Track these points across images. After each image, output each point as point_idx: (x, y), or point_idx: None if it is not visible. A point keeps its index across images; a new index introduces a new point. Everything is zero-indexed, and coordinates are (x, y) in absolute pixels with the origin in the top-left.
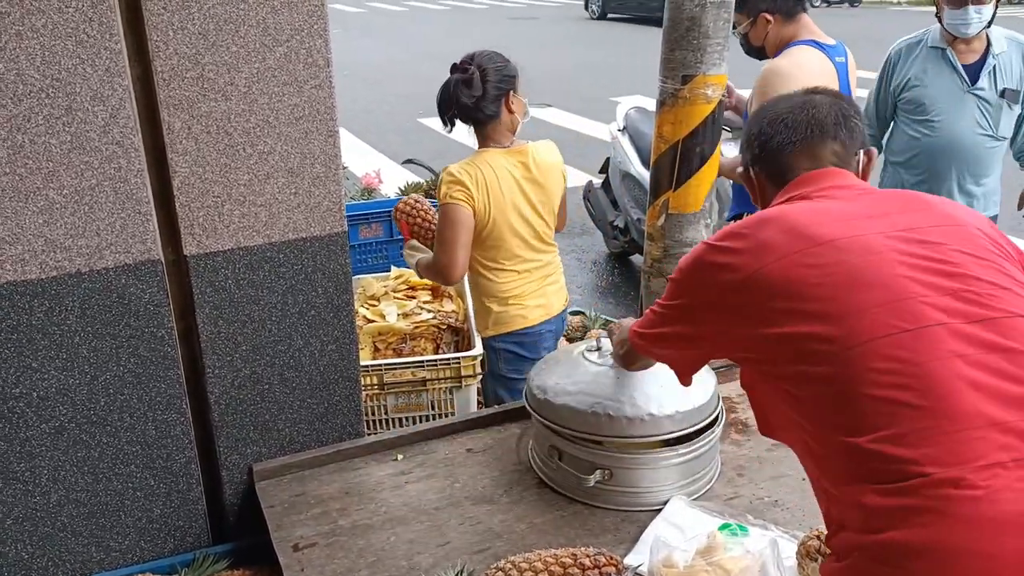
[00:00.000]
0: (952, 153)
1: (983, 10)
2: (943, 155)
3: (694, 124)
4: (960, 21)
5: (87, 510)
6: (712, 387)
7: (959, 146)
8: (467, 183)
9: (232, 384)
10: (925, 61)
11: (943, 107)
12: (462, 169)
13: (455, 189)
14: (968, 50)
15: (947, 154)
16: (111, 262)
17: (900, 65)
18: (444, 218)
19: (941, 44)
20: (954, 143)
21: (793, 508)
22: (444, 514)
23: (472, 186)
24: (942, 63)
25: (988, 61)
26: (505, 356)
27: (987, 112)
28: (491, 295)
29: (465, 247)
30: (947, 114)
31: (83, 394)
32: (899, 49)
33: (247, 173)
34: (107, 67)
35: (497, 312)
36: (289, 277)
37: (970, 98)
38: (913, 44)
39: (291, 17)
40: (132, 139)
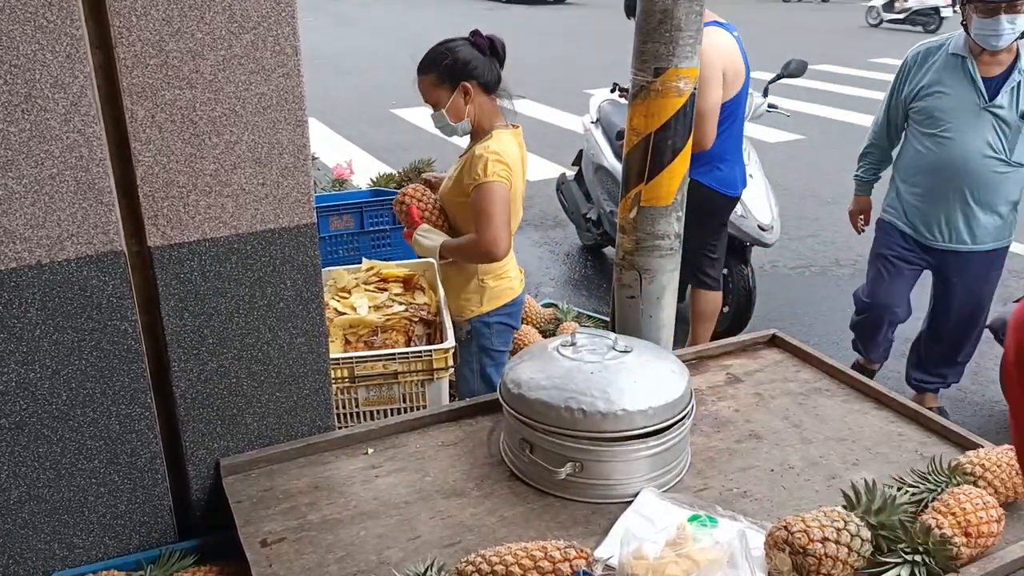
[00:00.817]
0: (957, 173)
1: (1017, 20)
2: (948, 174)
3: (666, 117)
4: (991, 32)
5: (49, 507)
6: (685, 381)
7: (966, 167)
8: (508, 162)
9: (198, 378)
10: (943, 69)
11: (955, 122)
12: (501, 148)
13: (500, 168)
14: (993, 61)
15: (952, 174)
16: (72, 253)
17: (915, 71)
18: (490, 196)
19: (963, 52)
20: (961, 162)
21: (761, 499)
22: (414, 508)
23: (510, 165)
24: (961, 73)
25: (1013, 76)
26: (498, 329)
27: (1002, 133)
28: (488, 271)
29: (508, 224)
30: (958, 130)
31: (44, 388)
32: (916, 53)
33: (213, 163)
34: (68, 53)
35: (492, 287)
36: (257, 269)
37: (986, 115)
38: (933, 49)
39: (258, 4)
40: (94, 127)
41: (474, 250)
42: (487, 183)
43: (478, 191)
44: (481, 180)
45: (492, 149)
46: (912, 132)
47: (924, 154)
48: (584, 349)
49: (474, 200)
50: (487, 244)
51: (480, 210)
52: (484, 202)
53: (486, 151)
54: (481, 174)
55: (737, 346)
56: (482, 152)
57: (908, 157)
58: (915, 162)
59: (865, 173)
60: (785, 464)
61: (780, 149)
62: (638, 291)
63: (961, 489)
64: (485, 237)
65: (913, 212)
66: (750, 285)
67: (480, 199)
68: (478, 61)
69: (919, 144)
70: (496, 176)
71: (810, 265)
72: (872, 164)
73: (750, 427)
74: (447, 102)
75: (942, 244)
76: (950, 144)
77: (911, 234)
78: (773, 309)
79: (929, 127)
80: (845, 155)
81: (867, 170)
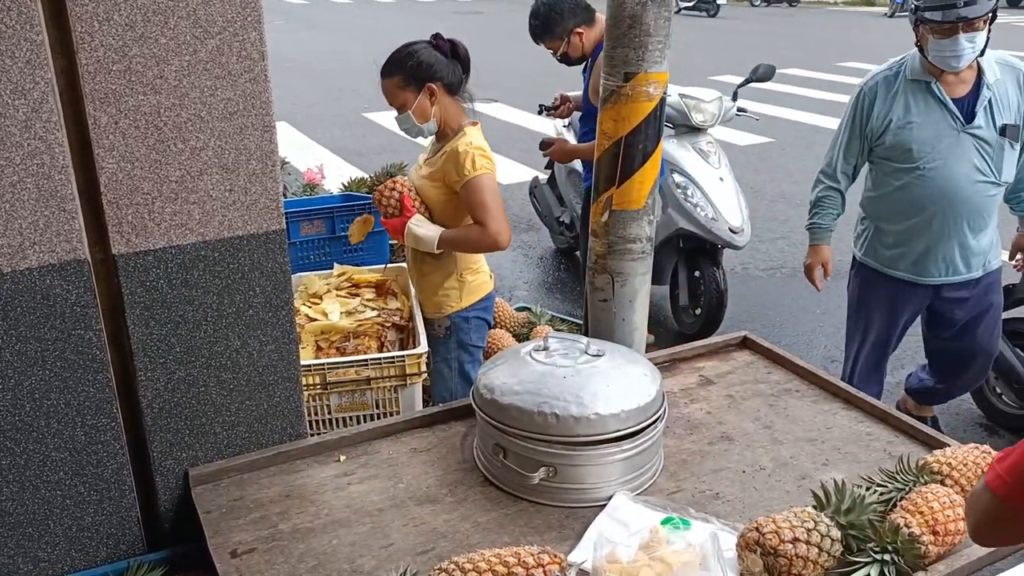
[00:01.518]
0: (948, 205)
1: (976, 38)
2: (937, 208)
3: (636, 121)
4: (949, 53)
5: (13, 520)
6: (657, 384)
7: (956, 196)
8: (489, 154)
9: (165, 387)
10: (907, 97)
11: (935, 152)
12: (479, 143)
13: (486, 161)
14: (957, 81)
15: (942, 206)
16: (35, 262)
17: (879, 104)
18: (485, 188)
19: (924, 76)
20: (950, 193)
21: (733, 500)
22: (387, 515)
23: (490, 156)
24: (929, 99)
25: (983, 93)
26: (476, 324)
27: (987, 155)
28: (467, 266)
29: (504, 211)
30: (941, 160)
31: (7, 400)
32: (873, 84)
33: (179, 169)
34: (28, 59)
35: (470, 281)
36: (225, 276)
37: (967, 139)
38: (890, 78)
39: (223, 8)
40: (56, 134)
41: (479, 241)
42: (478, 177)
43: (471, 186)
44: (471, 175)
45: (473, 144)
46: (882, 169)
47: (904, 191)
48: (557, 353)
49: (468, 196)
50: (494, 234)
51: (479, 203)
52: (481, 195)
53: (468, 147)
54: (471, 169)
55: (709, 348)
56: (465, 148)
57: (883, 196)
58: (894, 200)
59: (823, 219)
60: (756, 465)
61: (750, 152)
62: (610, 294)
63: (928, 488)
64: (491, 228)
65: (899, 253)
66: (721, 287)
67: (475, 193)
68: (440, 63)
69: (895, 180)
70: (484, 168)
71: (781, 267)
72: (831, 210)
73: (722, 429)
74: (413, 104)
75: (937, 279)
76: (934, 176)
77: (900, 276)
78: (744, 311)
79: (905, 161)
80: (814, 157)
81: (825, 216)
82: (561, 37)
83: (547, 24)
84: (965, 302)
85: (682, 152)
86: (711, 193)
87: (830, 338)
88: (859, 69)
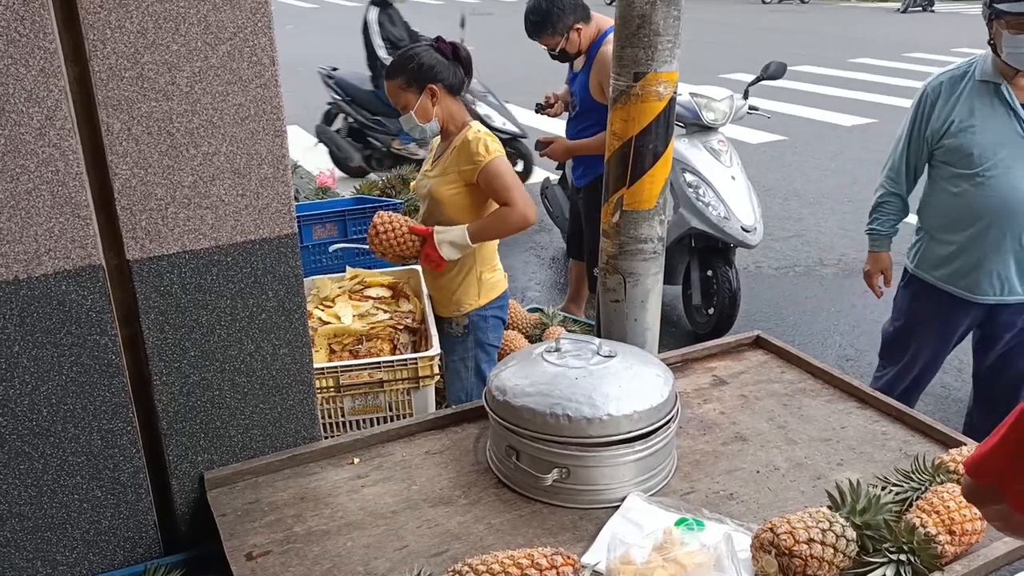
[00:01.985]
0: (1007, 217)
1: None
2: (995, 219)
3: (646, 121)
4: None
5: (31, 523)
6: (670, 385)
7: (1016, 208)
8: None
9: (180, 391)
10: (972, 99)
11: (997, 158)
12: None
13: (495, 145)
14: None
15: (1000, 218)
16: (50, 268)
17: (941, 105)
18: (502, 170)
19: (994, 78)
20: (1010, 204)
21: (748, 501)
22: (401, 517)
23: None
24: (995, 101)
25: None
26: (493, 323)
27: None
28: (484, 262)
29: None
30: (1002, 167)
31: (24, 405)
32: (938, 84)
33: (191, 175)
34: (41, 67)
35: (488, 278)
36: (238, 280)
37: None
38: (956, 78)
39: (234, 15)
40: (69, 141)
41: (509, 222)
42: (492, 160)
43: (489, 170)
44: (486, 160)
45: (478, 131)
46: (940, 174)
47: (960, 198)
48: (569, 355)
49: (488, 180)
50: (521, 211)
51: (500, 186)
52: (500, 177)
53: (477, 134)
54: (484, 154)
55: (722, 348)
56: (473, 136)
57: (939, 203)
58: (949, 209)
59: (882, 226)
60: (771, 465)
61: (762, 150)
62: (622, 295)
63: (945, 487)
64: (518, 206)
65: (952, 267)
66: (734, 286)
67: (494, 176)
68: (442, 65)
69: (952, 187)
70: (496, 151)
71: (794, 265)
72: (889, 215)
73: (736, 429)
74: (415, 104)
75: (992, 298)
76: (994, 184)
77: (952, 291)
78: (757, 310)
79: (964, 167)
80: (827, 154)
81: (883, 222)
82: (561, 33)
83: (548, 20)
84: (1019, 326)
85: (693, 151)
86: (723, 192)
87: (844, 336)
88: (872, 65)
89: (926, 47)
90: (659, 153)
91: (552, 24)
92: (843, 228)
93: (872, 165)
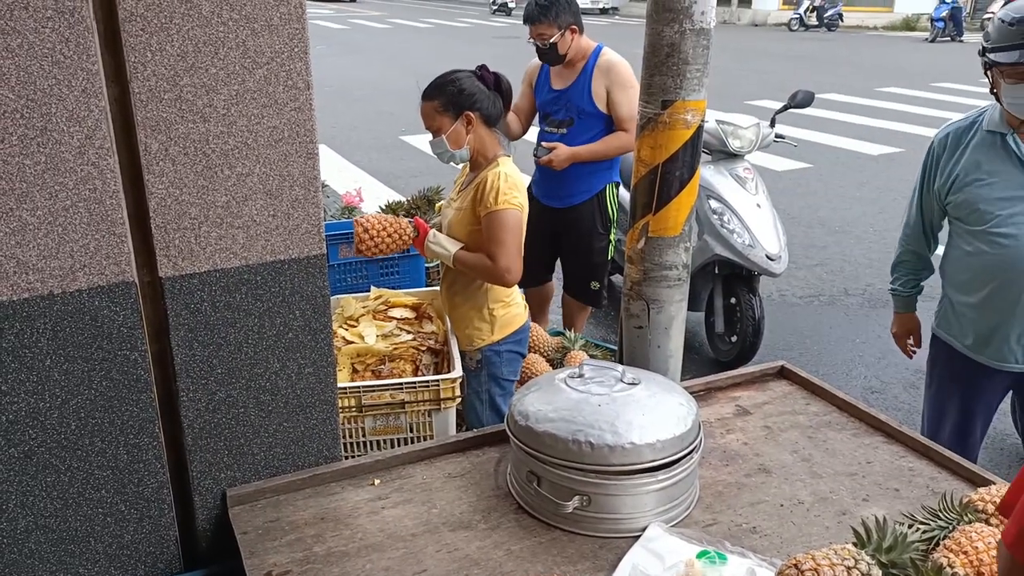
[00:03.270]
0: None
1: None
2: (1010, 277)
3: (674, 149)
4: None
5: (56, 536)
6: (693, 414)
7: None
8: (520, 188)
9: (206, 408)
10: (979, 151)
11: (1007, 213)
12: (511, 173)
13: (514, 196)
14: None
15: (1012, 277)
16: (84, 284)
17: (947, 158)
18: (506, 223)
19: (1001, 128)
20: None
21: (771, 535)
22: (421, 540)
23: (522, 191)
24: (1002, 153)
25: None
26: (508, 357)
27: None
28: (498, 299)
29: (521, 251)
30: (1014, 223)
31: (54, 418)
32: (944, 136)
33: (225, 195)
34: (83, 88)
35: (502, 315)
36: (266, 300)
37: None
38: (963, 129)
39: (271, 39)
40: (108, 160)
41: (487, 273)
42: (499, 211)
43: (490, 218)
44: (493, 208)
45: (505, 176)
46: (955, 230)
47: (974, 256)
48: (592, 381)
49: (486, 226)
50: (501, 271)
51: (493, 237)
52: (497, 229)
53: (497, 179)
54: (492, 203)
55: (746, 378)
56: (493, 180)
57: (955, 260)
58: (964, 266)
59: (903, 287)
60: (795, 499)
61: (788, 178)
62: (646, 321)
63: (973, 527)
64: (500, 263)
65: (972, 329)
66: (758, 315)
67: (492, 226)
68: (482, 94)
69: (965, 244)
70: (507, 204)
71: (819, 294)
72: (909, 275)
73: (759, 461)
74: (448, 129)
75: (1016, 366)
76: (1006, 240)
77: (974, 357)
78: (781, 339)
79: (975, 223)
80: (853, 183)
81: (905, 283)
82: (560, 27)
83: (555, 6)
84: None
85: (719, 178)
86: (748, 219)
87: (870, 368)
88: (898, 94)
89: (954, 77)
90: (685, 180)
91: (557, 13)
92: (869, 258)
93: (898, 195)
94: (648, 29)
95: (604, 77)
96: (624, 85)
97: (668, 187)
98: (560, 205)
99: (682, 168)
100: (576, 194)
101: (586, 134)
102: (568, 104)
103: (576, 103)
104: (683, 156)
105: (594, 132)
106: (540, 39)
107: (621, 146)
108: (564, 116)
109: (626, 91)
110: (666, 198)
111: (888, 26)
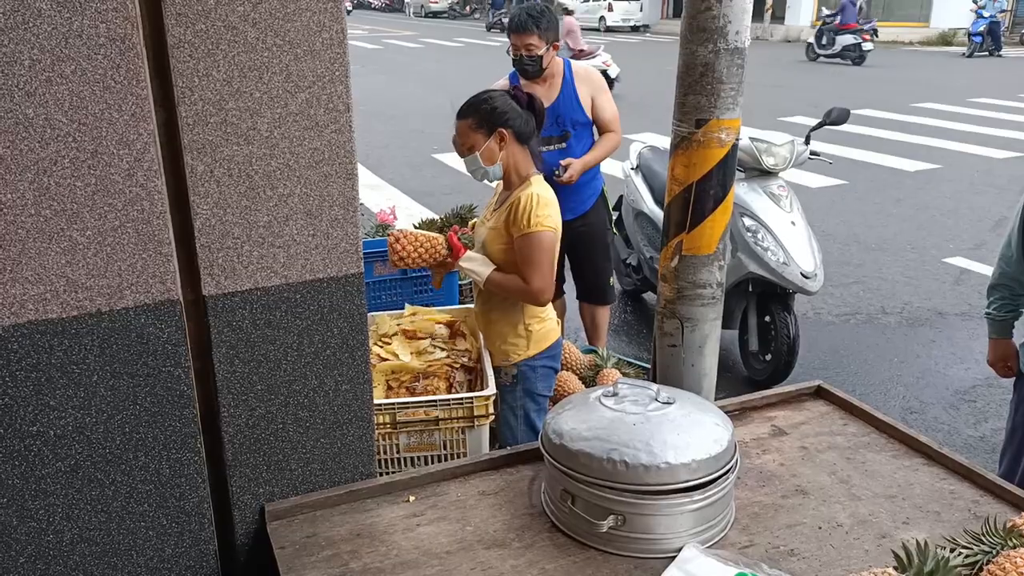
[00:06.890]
0: None
1: None
2: None
3: (708, 167)
4: None
5: (100, 549)
6: (729, 434)
7: None
8: (555, 208)
9: (246, 424)
10: None
11: None
12: (543, 193)
13: (547, 216)
14: None
15: None
16: (131, 302)
17: None
18: (540, 244)
19: None
20: None
21: (810, 558)
22: (455, 558)
23: (555, 211)
24: None
25: None
26: (543, 372)
27: None
28: (533, 315)
29: (553, 271)
30: None
31: (99, 433)
32: None
33: (267, 215)
34: (133, 112)
35: (536, 329)
36: (305, 317)
37: None
38: None
39: (313, 64)
40: (155, 182)
41: (520, 295)
42: (533, 232)
43: (524, 240)
44: (526, 230)
45: (535, 196)
46: None
47: None
48: (626, 400)
49: (520, 248)
50: (535, 292)
51: (527, 258)
52: (532, 251)
53: (529, 200)
54: (525, 225)
55: (782, 397)
56: (524, 201)
57: None
58: None
59: (998, 311)
60: (833, 521)
61: (823, 195)
62: (680, 340)
63: (1018, 552)
64: (533, 285)
65: None
66: (793, 333)
67: (526, 248)
68: (515, 112)
69: None
70: (540, 225)
71: (855, 313)
72: (1007, 300)
73: (796, 482)
74: (482, 146)
75: None
76: None
77: None
78: (816, 358)
79: None
80: (890, 200)
81: (1000, 306)
82: (546, 41)
83: (544, 18)
84: None
85: (753, 196)
86: (782, 237)
87: (908, 388)
88: (936, 110)
89: (992, 92)
90: (720, 199)
91: (546, 25)
92: (906, 276)
93: (935, 212)
94: (682, 49)
95: (585, 85)
96: (602, 89)
97: (702, 206)
98: (573, 216)
99: (716, 187)
100: (587, 199)
101: (582, 143)
102: (559, 118)
103: (568, 116)
104: (717, 175)
105: (586, 139)
106: (527, 50)
107: (615, 146)
108: (557, 131)
109: (606, 94)
110: (700, 216)
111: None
